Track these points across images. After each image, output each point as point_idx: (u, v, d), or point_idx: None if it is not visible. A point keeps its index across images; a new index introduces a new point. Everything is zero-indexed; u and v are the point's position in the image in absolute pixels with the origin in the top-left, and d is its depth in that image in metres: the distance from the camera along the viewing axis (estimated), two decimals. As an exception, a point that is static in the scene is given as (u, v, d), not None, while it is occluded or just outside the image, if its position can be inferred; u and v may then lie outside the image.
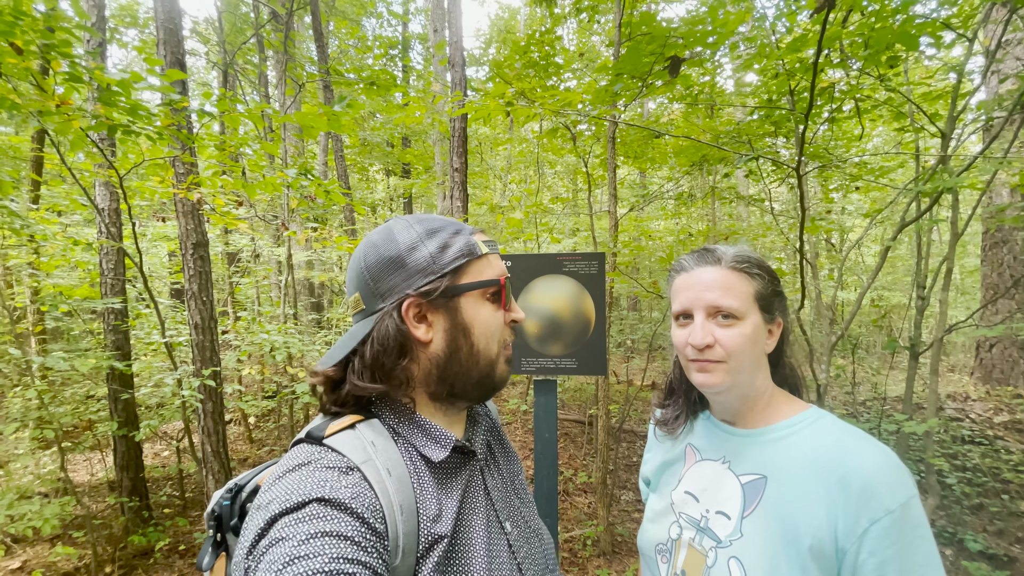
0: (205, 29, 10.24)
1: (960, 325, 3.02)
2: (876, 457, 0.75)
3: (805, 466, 0.79)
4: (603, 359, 2.05)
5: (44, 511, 3.16)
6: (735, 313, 0.83)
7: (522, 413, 6.56)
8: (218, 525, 0.75)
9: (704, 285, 0.85)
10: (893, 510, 0.70)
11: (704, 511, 0.88)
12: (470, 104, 3.13)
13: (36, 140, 5.60)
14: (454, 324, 0.74)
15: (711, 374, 0.84)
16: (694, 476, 0.93)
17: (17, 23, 1.93)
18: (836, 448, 0.78)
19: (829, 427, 0.82)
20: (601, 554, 3.54)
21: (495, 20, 15.75)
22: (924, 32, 2.06)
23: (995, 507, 3.43)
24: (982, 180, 3.02)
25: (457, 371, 0.74)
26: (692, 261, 0.89)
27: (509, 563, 0.75)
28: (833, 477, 0.75)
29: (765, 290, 0.86)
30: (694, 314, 0.85)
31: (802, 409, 0.87)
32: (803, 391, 0.94)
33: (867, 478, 0.73)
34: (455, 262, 0.73)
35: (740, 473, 0.86)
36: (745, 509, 0.82)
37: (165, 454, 5.73)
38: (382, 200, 12.53)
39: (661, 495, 0.98)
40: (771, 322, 0.88)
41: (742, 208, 8.93)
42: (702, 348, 0.83)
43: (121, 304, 4.03)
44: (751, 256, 0.87)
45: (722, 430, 0.93)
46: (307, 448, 0.68)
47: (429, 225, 0.77)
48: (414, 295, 0.72)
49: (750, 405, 0.89)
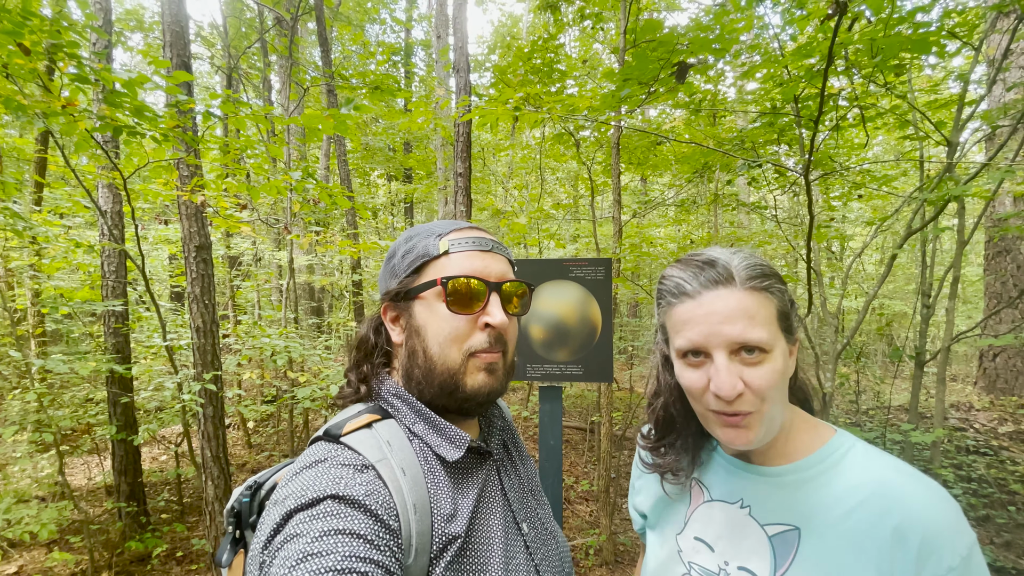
0: (210, 34, 10.28)
1: (967, 334, 3.01)
2: (933, 502, 0.64)
3: (846, 514, 0.67)
4: (609, 366, 2.04)
5: (41, 515, 3.13)
6: (764, 346, 0.66)
7: (523, 420, 6.52)
8: (237, 522, 0.76)
9: (721, 317, 0.66)
10: (955, 567, 0.61)
11: (722, 563, 0.75)
12: (478, 108, 3.13)
13: (40, 142, 5.60)
14: (410, 326, 0.76)
15: (746, 431, 0.68)
16: (704, 519, 0.80)
17: (26, 23, 1.93)
18: (883, 491, 0.66)
19: (863, 461, 0.71)
20: (603, 563, 3.50)
21: (498, 27, 15.84)
22: (938, 39, 2.06)
23: (1002, 519, 3.39)
24: (987, 189, 3.02)
25: (418, 374, 0.75)
26: (695, 282, 0.69)
27: (526, 564, 0.74)
28: (885, 530, 0.64)
29: (785, 307, 0.71)
30: (712, 354, 0.67)
31: (827, 437, 0.75)
32: (812, 400, 0.83)
33: (927, 530, 0.62)
34: (412, 265, 0.76)
35: (765, 523, 0.73)
36: (777, 568, 0.70)
37: (163, 459, 5.69)
38: (383, 205, 12.54)
39: (663, 537, 0.85)
40: (793, 343, 0.73)
41: (743, 216, 8.94)
42: (733, 400, 0.66)
43: (122, 307, 4.01)
44: (764, 266, 0.70)
45: (736, 466, 0.79)
46: (324, 445, 0.69)
47: (416, 231, 0.80)
48: (385, 299, 0.79)
49: (771, 441, 0.75)
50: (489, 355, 0.73)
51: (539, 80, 4.34)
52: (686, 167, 5.45)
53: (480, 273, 0.73)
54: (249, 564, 0.61)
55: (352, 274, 6.88)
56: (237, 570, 0.74)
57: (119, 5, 10.27)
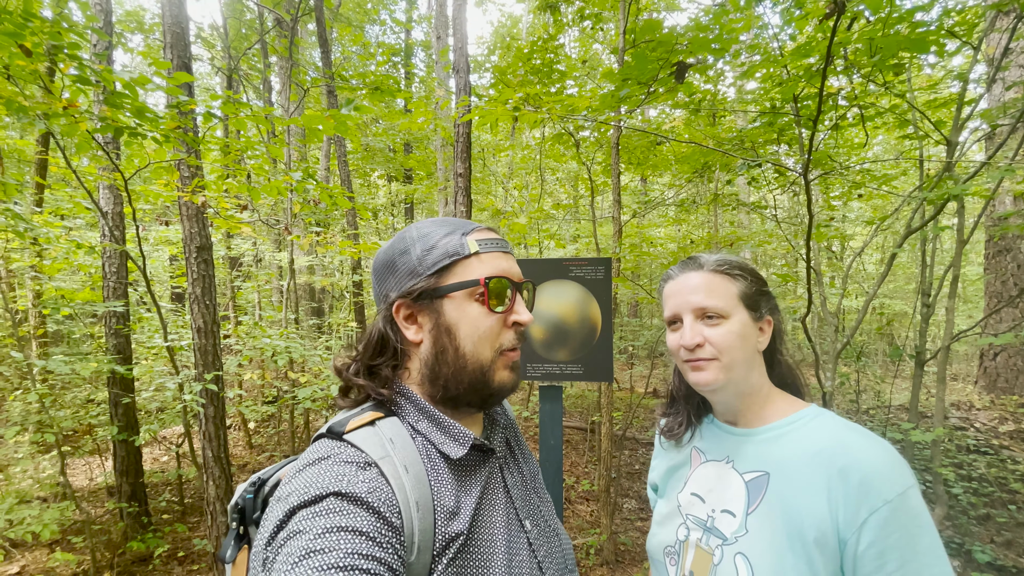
0: (210, 35, 10.29)
1: (967, 333, 3.01)
2: (874, 450, 0.77)
3: (806, 461, 0.81)
4: (609, 365, 2.04)
5: (43, 516, 3.14)
6: (720, 312, 0.87)
7: (523, 420, 6.52)
8: (241, 518, 0.76)
9: (689, 289, 0.90)
10: (891, 500, 0.72)
11: (710, 511, 0.90)
12: (477, 108, 3.13)
13: (41, 143, 5.62)
14: (438, 325, 0.75)
15: (705, 372, 0.87)
16: (699, 478, 0.95)
17: (27, 25, 1.94)
18: (836, 442, 0.80)
19: (828, 423, 0.85)
20: (604, 563, 3.50)
21: (497, 27, 15.84)
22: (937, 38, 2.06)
23: (1002, 518, 3.39)
24: (987, 188, 3.02)
25: (446, 373, 0.74)
26: (678, 269, 0.95)
27: (529, 561, 0.74)
28: (833, 470, 0.77)
29: (749, 289, 0.90)
30: (683, 317, 0.90)
31: (801, 407, 0.90)
32: (804, 391, 0.96)
33: (866, 470, 0.75)
34: (439, 263, 0.74)
35: (743, 471, 0.88)
36: (749, 506, 0.84)
37: (164, 459, 5.70)
38: (383, 205, 12.55)
39: (668, 499, 1.00)
40: (760, 320, 0.91)
41: (743, 216, 8.95)
42: (693, 347, 0.88)
43: (123, 307, 4.02)
44: (731, 259, 0.93)
45: (724, 431, 0.96)
46: (327, 443, 0.69)
47: (427, 228, 0.78)
48: (402, 297, 0.75)
49: (748, 403, 0.92)
50: (515, 354, 0.78)
51: (539, 80, 4.34)
52: (686, 167, 5.45)
53: (508, 273, 0.76)
54: (253, 560, 0.61)
55: (352, 275, 6.88)
56: (241, 566, 0.74)
57: (119, 7, 10.29)
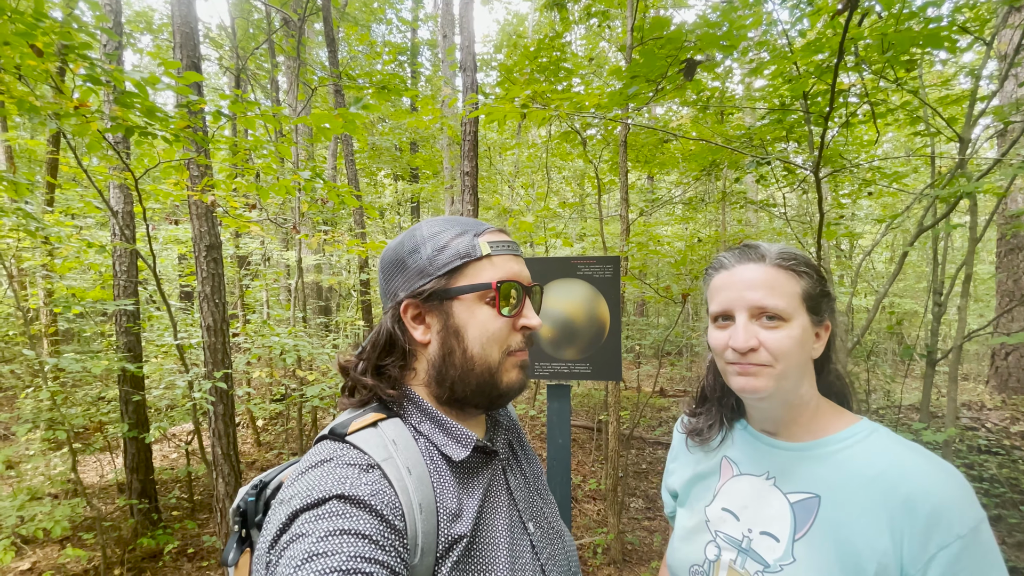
0: (218, 35, 10.35)
1: (979, 332, 2.97)
2: (941, 476, 0.70)
3: (863, 485, 0.73)
4: (618, 364, 2.03)
5: (54, 512, 3.17)
6: (781, 314, 0.76)
7: (529, 419, 6.52)
8: (243, 521, 0.75)
9: (747, 283, 0.78)
10: (964, 535, 0.66)
11: (746, 531, 0.82)
12: (485, 106, 3.13)
13: (52, 143, 5.67)
14: (447, 327, 0.74)
15: (754, 378, 0.77)
16: (731, 492, 0.87)
17: (38, 25, 1.95)
18: (897, 466, 0.73)
19: (886, 441, 0.77)
20: (611, 562, 3.50)
21: (504, 25, 15.81)
22: (949, 34, 2.04)
23: (1014, 519, 3.36)
24: (999, 186, 2.98)
25: (453, 374, 0.74)
26: (733, 258, 0.83)
27: (532, 564, 0.74)
28: (897, 498, 0.70)
29: (813, 289, 0.80)
30: (735, 315, 0.79)
31: (853, 421, 0.81)
32: (852, 401, 0.87)
33: (934, 501, 0.68)
34: (449, 264, 0.73)
35: (788, 491, 0.80)
36: (797, 531, 0.76)
37: (174, 456, 5.75)
38: (390, 204, 12.59)
39: (692, 511, 0.92)
40: (819, 325, 0.81)
41: (751, 214, 8.89)
42: (745, 351, 0.77)
43: (133, 306, 4.05)
44: (796, 253, 0.81)
45: (763, 443, 0.86)
46: (329, 445, 0.69)
47: (438, 227, 0.77)
48: (410, 297, 0.74)
49: (794, 415, 0.82)
50: (524, 354, 0.77)
51: (545, 78, 4.32)
52: (694, 165, 5.42)
53: (519, 277, 0.76)
54: (255, 563, 0.61)
55: (360, 273, 6.91)
56: (243, 569, 0.74)
57: (128, 7, 10.37)
